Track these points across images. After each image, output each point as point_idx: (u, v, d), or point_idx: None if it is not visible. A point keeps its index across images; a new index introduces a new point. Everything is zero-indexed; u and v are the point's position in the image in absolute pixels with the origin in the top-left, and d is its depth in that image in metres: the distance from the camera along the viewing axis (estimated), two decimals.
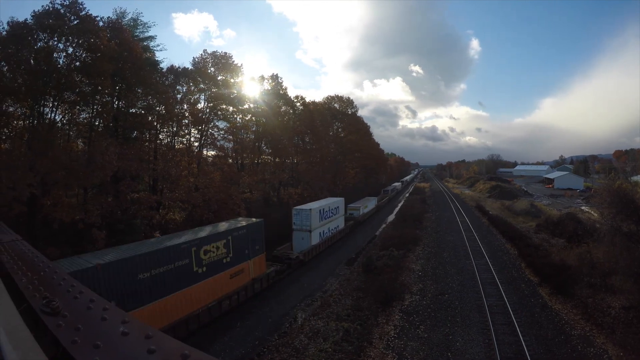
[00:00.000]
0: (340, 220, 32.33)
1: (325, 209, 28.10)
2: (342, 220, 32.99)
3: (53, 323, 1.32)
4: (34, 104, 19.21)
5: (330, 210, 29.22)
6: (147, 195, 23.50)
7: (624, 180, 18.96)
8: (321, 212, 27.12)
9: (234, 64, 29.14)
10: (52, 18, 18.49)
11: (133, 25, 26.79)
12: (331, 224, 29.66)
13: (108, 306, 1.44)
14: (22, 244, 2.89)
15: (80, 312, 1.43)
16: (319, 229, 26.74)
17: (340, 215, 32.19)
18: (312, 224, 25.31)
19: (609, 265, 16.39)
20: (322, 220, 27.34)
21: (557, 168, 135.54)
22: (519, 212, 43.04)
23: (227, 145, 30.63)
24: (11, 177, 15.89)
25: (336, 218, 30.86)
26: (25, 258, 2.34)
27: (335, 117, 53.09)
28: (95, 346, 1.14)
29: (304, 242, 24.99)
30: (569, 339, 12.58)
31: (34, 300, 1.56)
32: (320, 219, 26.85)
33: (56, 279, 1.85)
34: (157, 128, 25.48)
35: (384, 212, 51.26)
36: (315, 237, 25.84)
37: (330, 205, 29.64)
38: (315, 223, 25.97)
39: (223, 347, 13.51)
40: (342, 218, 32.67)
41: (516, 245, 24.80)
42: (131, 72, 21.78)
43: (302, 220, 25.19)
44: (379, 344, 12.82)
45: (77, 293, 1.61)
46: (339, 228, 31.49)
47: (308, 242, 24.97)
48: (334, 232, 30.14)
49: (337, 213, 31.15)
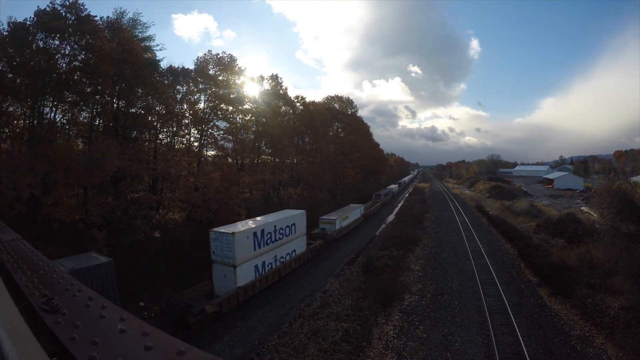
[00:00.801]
0: (299, 243, 23.28)
1: (268, 229, 19.50)
2: (303, 241, 24.00)
3: (52, 320, 1.34)
4: (34, 104, 19.26)
5: (278, 231, 20.56)
6: (147, 195, 23.56)
7: (624, 181, 18.97)
8: (257, 236, 18.56)
9: (238, 66, 29.34)
10: (52, 18, 18.54)
11: (132, 25, 26.85)
12: (280, 249, 20.87)
13: (106, 304, 1.46)
14: (22, 243, 2.91)
15: (79, 310, 1.44)
16: (255, 260, 18.34)
17: (299, 236, 23.25)
18: (238, 254, 16.67)
19: (608, 265, 16.41)
20: (262, 246, 19.00)
21: (557, 168, 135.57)
22: (518, 212, 43.06)
23: (227, 145, 30.69)
24: (11, 177, 15.93)
25: (290, 240, 21.99)
26: (25, 257, 2.36)
27: (335, 117, 53.15)
28: (93, 343, 1.16)
29: (228, 282, 16.82)
30: (568, 339, 12.59)
31: (34, 298, 1.58)
32: (256, 245, 18.47)
33: (55, 277, 1.87)
34: (157, 128, 25.51)
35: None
36: (245, 274, 17.43)
37: (279, 222, 20.88)
38: (246, 252, 17.45)
39: (222, 347, 13.53)
40: (302, 239, 23.67)
41: (516, 245, 24.81)
42: (131, 73, 21.83)
43: (222, 248, 16.77)
44: (378, 344, 12.84)
45: (76, 291, 1.63)
46: (295, 254, 22.64)
47: (232, 281, 16.69)
48: (286, 261, 21.29)
49: (293, 232, 22.37)
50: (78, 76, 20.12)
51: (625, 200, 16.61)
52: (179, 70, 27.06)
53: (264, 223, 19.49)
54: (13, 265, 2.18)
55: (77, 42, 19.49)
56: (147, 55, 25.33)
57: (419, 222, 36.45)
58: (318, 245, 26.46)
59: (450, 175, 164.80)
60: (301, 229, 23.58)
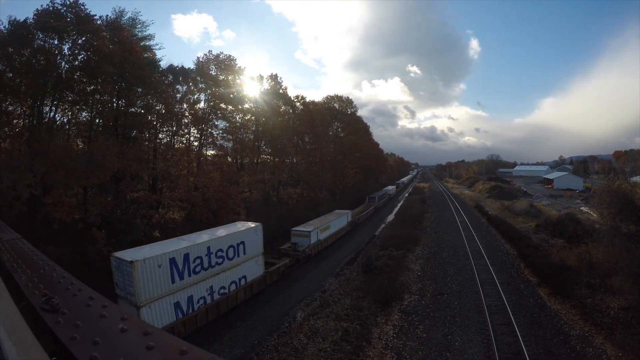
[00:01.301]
0: (251, 266, 18.04)
1: (196, 253, 14.50)
2: (258, 264, 18.64)
3: (52, 320, 1.34)
4: (33, 103, 19.23)
5: (215, 254, 15.53)
6: (146, 194, 23.52)
7: (624, 181, 18.97)
8: (178, 263, 13.63)
9: (238, 66, 29.35)
10: (52, 18, 18.51)
11: (132, 24, 26.83)
12: (220, 278, 15.83)
13: (107, 303, 1.45)
14: (22, 243, 2.90)
15: (80, 310, 1.44)
16: (175, 295, 13.51)
17: (253, 257, 18.11)
18: (143, 289, 12.26)
19: (608, 265, 16.42)
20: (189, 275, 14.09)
21: (556, 168, 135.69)
22: (518, 212, 43.08)
23: (226, 145, 30.67)
24: (11, 176, 15.92)
25: (237, 264, 16.94)
26: (25, 256, 2.35)
27: (334, 117, 53.13)
28: (94, 342, 1.15)
29: None
30: (568, 339, 12.59)
31: (34, 297, 1.57)
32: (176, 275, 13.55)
33: (55, 276, 1.86)
34: (157, 127, 25.49)
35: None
36: (158, 315, 12.85)
37: (217, 242, 15.71)
38: (157, 286, 12.77)
39: (222, 347, 13.53)
40: (255, 261, 18.41)
41: (515, 245, 24.81)
42: (131, 72, 21.79)
43: (124, 281, 12.42)
44: (378, 343, 12.83)
45: (77, 290, 1.62)
46: (246, 281, 17.53)
47: None
48: (229, 293, 16.34)
49: (242, 254, 17.23)
50: (78, 76, 20.09)
51: (625, 200, 16.62)
52: (178, 69, 27.06)
53: (189, 245, 14.26)
54: (13, 264, 2.17)
55: (76, 41, 19.46)
56: (147, 55, 25.31)
57: (419, 222, 36.44)
58: (282, 267, 20.89)
59: (450, 175, 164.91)
60: (255, 248, 18.24)
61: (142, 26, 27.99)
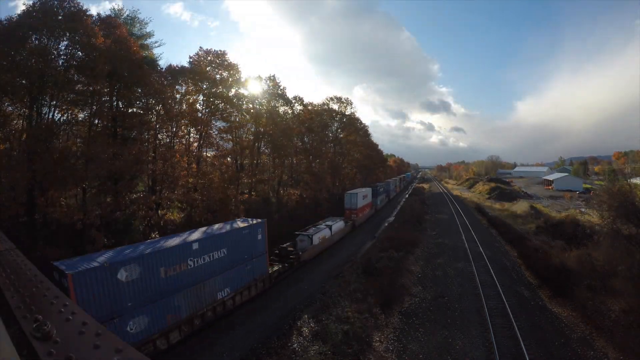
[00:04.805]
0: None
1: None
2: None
3: (44, 350, 1.26)
4: (31, 104, 19.08)
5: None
6: (145, 195, 23.40)
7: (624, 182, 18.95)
8: None
9: (229, 61, 28.93)
10: (42, 14, 18.18)
11: (131, 23, 26.70)
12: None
13: (101, 331, 1.38)
14: (16, 254, 2.81)
15: (73, 338, 1.36)
16: None
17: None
18: None
19: (608, 267, 16.39)
20: None
21: (556, 169, 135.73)
22: (518, 213, 43.08)
23: (226, 146, 30.53)
24: (9, 177, 15.82)
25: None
26: (18, 271, 2.28)
27: (333, 118, 53.04)
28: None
29: None
30: (569, 342, 12.55)
31: (25, 321, 1.50)
32: None
33: (48, 296, 1.79)
34: (156, 128, 25.36)
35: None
36: None
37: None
38: None
39: (222, 350, 13.42)
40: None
41: (516, 247, 24.80)
42: (128, 71, 21.59)
43: None
44: (379, 346, 12.77)
45: (70, 314, 1.55)
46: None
47: None
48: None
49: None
50: (72, 74, 19.84)
51: (626, 202, 16.59)
52: (177, 69, 26.86)
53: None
54: (5, 280, 2.10)
55: (69, 38, 19.15)
56: (145, 54, 25.13)
57: (419, 223, 36.39)
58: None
59: (450, 176, 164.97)
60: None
61: (141, 25, 27.89)
